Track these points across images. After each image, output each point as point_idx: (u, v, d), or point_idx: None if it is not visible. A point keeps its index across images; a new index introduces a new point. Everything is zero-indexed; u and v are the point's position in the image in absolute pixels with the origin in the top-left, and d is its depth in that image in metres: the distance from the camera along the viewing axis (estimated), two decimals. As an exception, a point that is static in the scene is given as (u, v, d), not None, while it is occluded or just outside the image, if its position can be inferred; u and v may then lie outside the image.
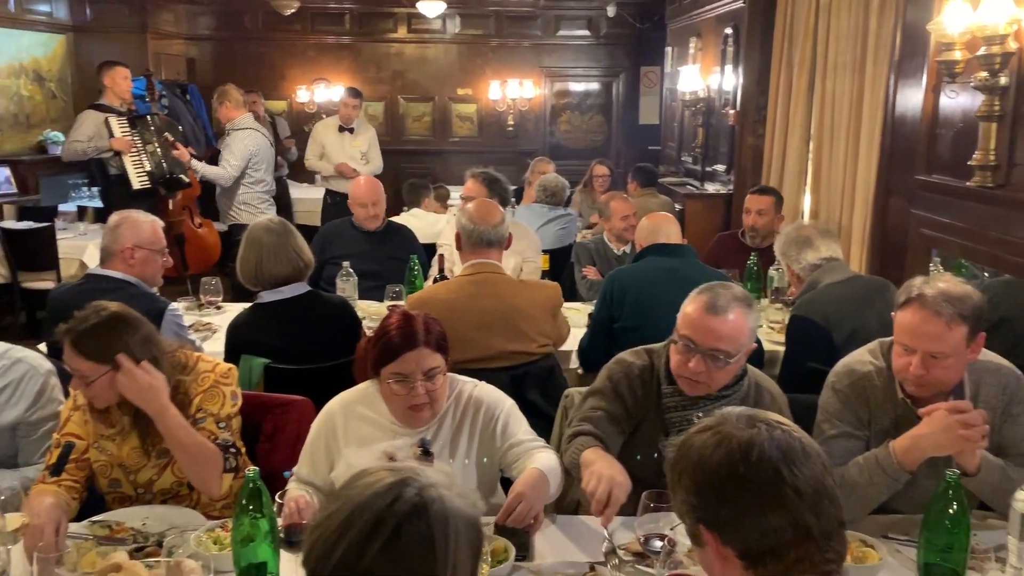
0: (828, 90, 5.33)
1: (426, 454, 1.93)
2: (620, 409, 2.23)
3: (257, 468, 1.73)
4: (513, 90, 10.34)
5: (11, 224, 6.13)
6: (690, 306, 2.15)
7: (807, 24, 5.60)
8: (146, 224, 3.22)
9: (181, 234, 6.82)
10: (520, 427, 2.20)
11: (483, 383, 2.29)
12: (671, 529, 1.74)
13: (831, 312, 2.99)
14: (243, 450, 2.28)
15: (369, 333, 2.92)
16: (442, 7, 8.80)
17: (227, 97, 5.81)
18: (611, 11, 9.64)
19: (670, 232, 3.49)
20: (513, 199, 6.56)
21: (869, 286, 3.17)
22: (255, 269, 3.06)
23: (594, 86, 10.84)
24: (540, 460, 2.07)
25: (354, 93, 7.00)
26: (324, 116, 9.94)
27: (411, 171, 8.80)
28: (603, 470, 1.93)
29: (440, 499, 1.10)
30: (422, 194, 5.77)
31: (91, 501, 2.23)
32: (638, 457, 2.20)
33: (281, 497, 1.81)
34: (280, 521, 1.77)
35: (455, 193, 6.47)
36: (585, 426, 2.19)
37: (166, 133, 6.01)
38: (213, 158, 5.94)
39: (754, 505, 1.18)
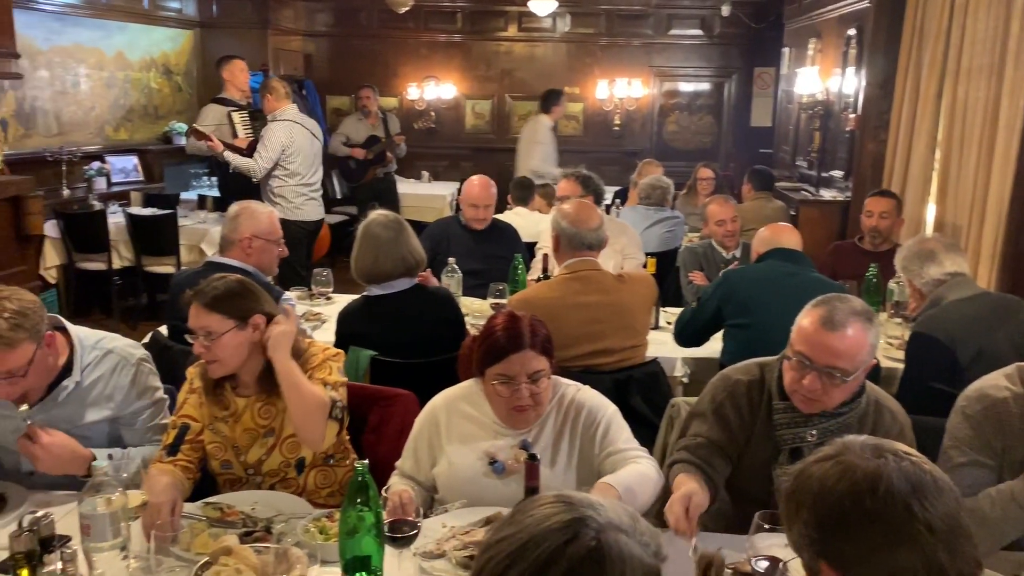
0: (960, 96, 5.04)
1: (532, 458, 1.90)
2: (723, 435, 2.14)
3: (367, 461, 1.73)
4: (621, 89, 10.23)
5: (137, 210, 6.46)
6: (805, 320, 2.04)
7: (939, 26, 5.31)
8: (264, 215, 3.32)
9: (293, 225, 7.04)
10: (621, 435, 2.15)
11: (586, 387, 2.26)
12: (784, 563, 1.66)
13: (956, 330, 2.82)
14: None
15: (472, 330, 2.93)
16: (554, 5, 8.76)
17: (269, 90, 5.72)
18: (726, 10, 9.40)
19: (791, 241, 3.41)
20: (618, 200, 6.51)
21: (999, 304, 2.97)
22: (372, 267, 3.11)
23: (704, 86, 10.61)
24: (633, 470, 2.02)
25: None
26: (433, 113, 10.17)
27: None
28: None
29: (618, 544, 1.01)
30: (528, 193, 5.77)
31: (202, 481, 2.30)
32: (747, 474, 2.12)
33: (386, 491, 1.82)
34: (384, 515, 1.78)
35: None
36: (683, 455, 2.12)
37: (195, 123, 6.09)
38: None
39: (882, 542, 1.11)
